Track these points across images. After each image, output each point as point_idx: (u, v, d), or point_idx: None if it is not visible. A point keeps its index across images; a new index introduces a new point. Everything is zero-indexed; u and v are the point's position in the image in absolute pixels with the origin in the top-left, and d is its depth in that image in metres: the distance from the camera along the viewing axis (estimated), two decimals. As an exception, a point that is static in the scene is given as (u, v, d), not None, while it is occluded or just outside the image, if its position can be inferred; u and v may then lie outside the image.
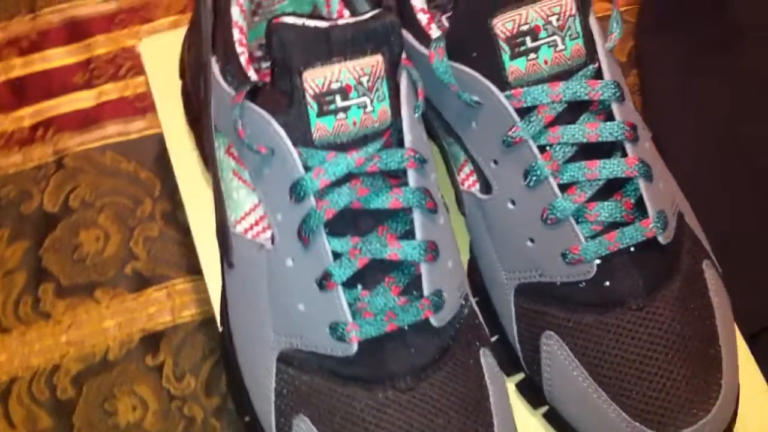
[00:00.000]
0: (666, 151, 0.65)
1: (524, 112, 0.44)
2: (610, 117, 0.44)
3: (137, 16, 0.72)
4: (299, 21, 0.40)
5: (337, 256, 0.42)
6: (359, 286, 0.42)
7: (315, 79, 0.40)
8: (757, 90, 0.66)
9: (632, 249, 0.44)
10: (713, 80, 0.67)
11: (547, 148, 0.44)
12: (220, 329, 0.49)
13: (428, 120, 0.49)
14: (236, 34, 0.45)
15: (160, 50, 0.57)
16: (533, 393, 0.48)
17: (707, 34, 0.67)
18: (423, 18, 0.47)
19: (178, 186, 0.56)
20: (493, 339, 0.49)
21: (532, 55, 0.43)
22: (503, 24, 0.43)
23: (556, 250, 0.44)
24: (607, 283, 0.44)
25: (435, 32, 0.47)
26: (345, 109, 0.41)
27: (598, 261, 0.44)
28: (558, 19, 0.43)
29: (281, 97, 0.41)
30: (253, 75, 0.44)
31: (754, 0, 0.67)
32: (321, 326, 0.42)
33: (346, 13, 0.47)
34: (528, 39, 0.43)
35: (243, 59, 0.45)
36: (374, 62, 0.41)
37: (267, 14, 0.53)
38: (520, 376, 0.49)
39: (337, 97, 0.41)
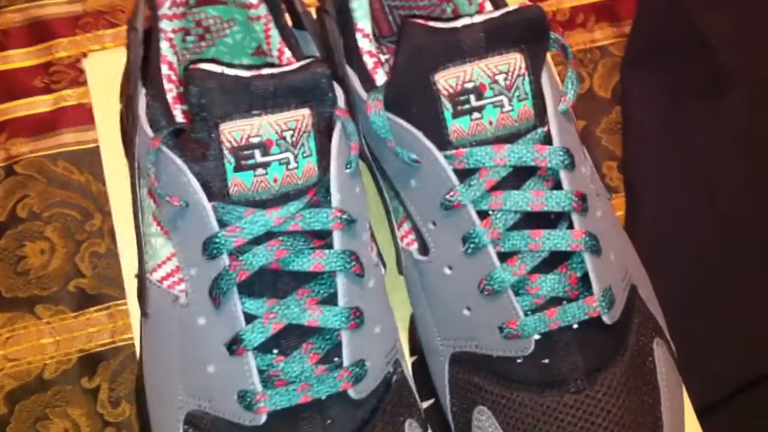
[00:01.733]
0: (641, 191, 0.62)
1: (465, 175, 0.40)
2: (558, 184, 0.41)
3: (102, 19, 0.69)
4: (218, 69, 0.37)
5: (250, 318, 0.39)
6: (275, 351, 0.40)
7: (233, 131, 0.37)
8: (733, 137, 0.62)
9: (575, 326, 0.41)
10: (693, 124, 0.64)
11: (489, 213, 0.41)
12: (137, 372, 0.46)
13: (372, 168, 0.46)
14: (165, 70, 0.42)
15: (105, 68, 0.54)
16: (464, 465, 0.45)
17: (689, 77, 0.64)
18: (369, 61, 0.44)
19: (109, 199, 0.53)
20: (429, 403, 0.46)
21: (476, 115, 0.40)
22: (446, 80, 0.39)
23: (493, 322, 0.41)
24: (546, 361, 0.41)
25: (380, 77, 0.43)
26: (265, 165, 0.38)
27: (537, 336, 0.41)
28: (506, 79, 0.39)
29: (199, 147, 0.38)
30: (179, 115, 0.41)
31: (737, 46, 0.63)
32: (229, 392, 0.39)
33: (287, 52, 0.44)
34: (472, 97, 0.39)
35: (170, 97, 0.42)
36: (300, 116, 0.38)
37: (215, 39, 0.50)
38: (454, 445, 0.46)
39: (257, 152, 0.38)
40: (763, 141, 0.62)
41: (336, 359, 0.40)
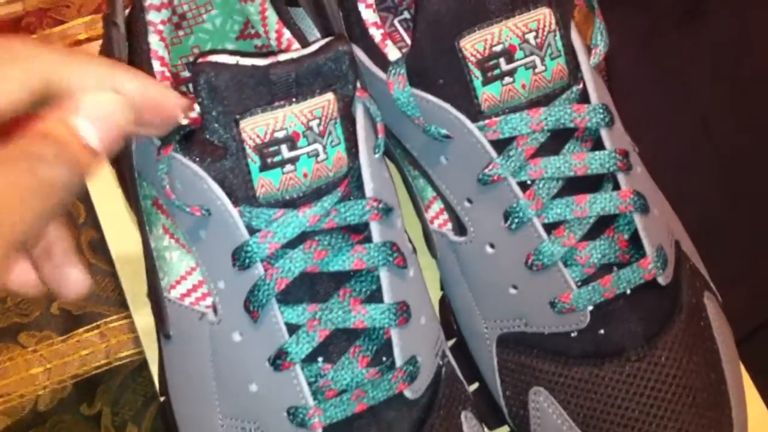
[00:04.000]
0: (634, 131, 0.60)
1: (501, 145, 0.37)
2: (598, 144, 0.38)
3: (47, 17, 0.64)
4: (232, 59, 0.33)
5: (293, 328, 0.36)
6: (320, 359, 0.36)
7: (255, 127, 0.34)
8: (718, 60, 0.61)
9: (628, 291, 0.39)
10: (676, 52, 0.62)
11: (530, 184, 0.38)
12: (161, 398, 0.43)
13: (388, 146, 0.43)
14: (157, 66, 0.38)
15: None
16: (521, 449, 0.42)
17: (666, 6, 0.62)
18: (376, 34, 0.40)
19: (98, 216, 0.49)
20: (473, 387, 0.43)
21: (508, 79, 0.37)
22: (473, 45, 0.36)
23: (544, 298, 0.39)
24: (602, 332, 0.39)
25: (391, 50, 0.40)
26: (293, 160, 0.34)
27: (590, 308, 0.39)
28: (536, 37, 0.36)
29: (213, 147, 0.35)
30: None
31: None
32: (277, 410, 0.36)
33: (286, 32, 0.40)
34: (502, 61, 0.37)
35: (167, 96, 0.38)
36: (325, 102, 0.34)
37: (193, 26, 0.46)
38: (504, 429, 0.43)
39: (283, 148, 0.34)
40: (746, 60, 0.61)
41: (385, 359, 0.37)
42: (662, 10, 0.63)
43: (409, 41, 0.45)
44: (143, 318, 0.45)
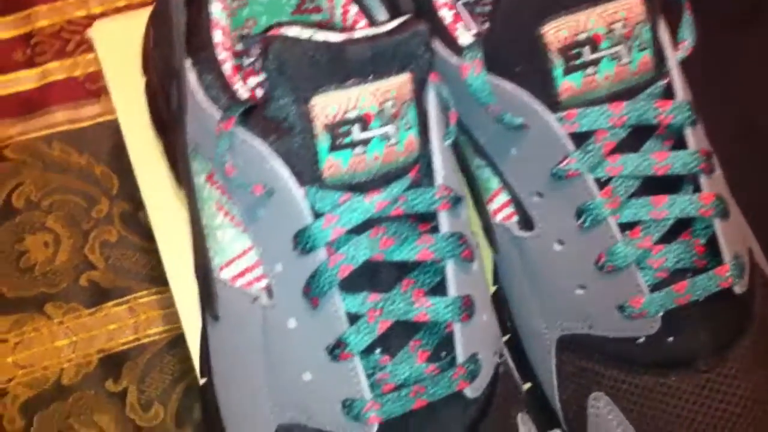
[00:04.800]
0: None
1: (579, 139, 0.36)
2: (679, 143, 0.36)
3: (86, -19, 0.62)
4: (305, 34, 0.32)
5: (353, 318, 0.34)
6: (378, 350, 0.35)
7: (327, 106, 0.32)
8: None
9: (701, 299, 0.37)
10: (730, 58, 0.59)
11: (606, 181, 0.36)
12: (201, 381, 0.41)
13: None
14: (218, 36, 0.36)
15: (116, 35, 0.48)
16: (573, 455, 0.41)
17: (722, 7, 0.59)
18: (447, 15, 0.38)
19: (139, 187, 0.48)
20: (526, 386, 0.42)
21: (591, 70, 0.35)
22: (556, 32, 0.34)
23: (613, 301, 0.37)
24: (671, 339, 0.37)
25: (462, 34, 0.38)
26: (364, 142, 0.33)
27: (661, 313, 0.37)
28: (624, 26, 0.35)
29: (279, 125, 0.33)
30: (240, 88, 0.36)
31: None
32: (332, 402, 0.34)
33: (353, 8, 0.38)
34: (586, 50, 0.35)
35: (228, 67, 0.36)
36: (400, 83, 0.33)
37: (249, -4, 0.44)
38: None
39: (355, 128, 0.32)
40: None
41: (443, 354, 0.35)
42: (717, 12, 0.61)
43: (473, 26, 0.43)
44: (184, 295, 0.43)
